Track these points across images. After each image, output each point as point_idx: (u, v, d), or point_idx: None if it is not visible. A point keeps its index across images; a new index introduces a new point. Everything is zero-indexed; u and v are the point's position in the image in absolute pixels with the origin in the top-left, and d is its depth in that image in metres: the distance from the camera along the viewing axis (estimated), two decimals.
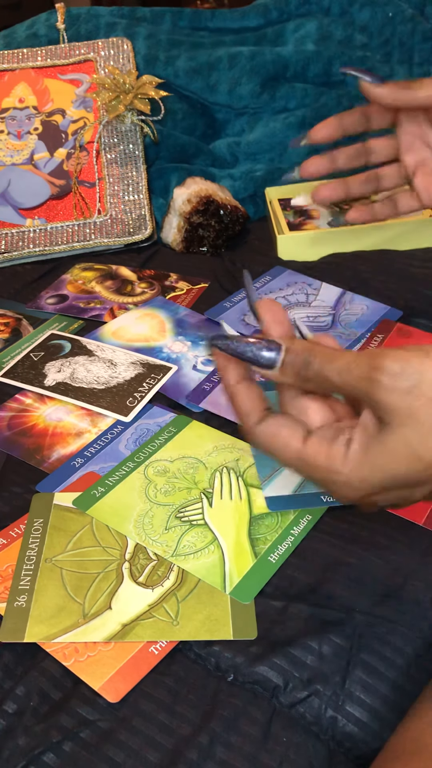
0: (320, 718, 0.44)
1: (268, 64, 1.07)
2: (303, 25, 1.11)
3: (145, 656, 0.47)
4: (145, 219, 0.95)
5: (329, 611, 0.49)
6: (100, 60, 1.02)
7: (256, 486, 0.59)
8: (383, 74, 1.12)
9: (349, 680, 0.45)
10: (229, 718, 0.44)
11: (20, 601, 0.50)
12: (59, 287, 0.88)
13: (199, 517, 0.56)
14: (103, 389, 0.70)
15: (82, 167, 0.98)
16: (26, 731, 0.44)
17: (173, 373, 0.72)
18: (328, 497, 0.57)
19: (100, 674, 0.46)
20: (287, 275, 0.86)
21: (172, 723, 0.44)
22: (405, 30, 1.13)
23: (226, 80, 1.07)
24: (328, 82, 1.10)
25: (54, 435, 0.65)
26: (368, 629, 0.48)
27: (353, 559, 0.53)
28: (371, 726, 0.44)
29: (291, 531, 0.55)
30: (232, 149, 1.07)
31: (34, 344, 0.77)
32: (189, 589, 0.51)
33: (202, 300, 0.84)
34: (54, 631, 0.48)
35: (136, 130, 0.98)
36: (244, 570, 0.52)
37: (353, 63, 1.10)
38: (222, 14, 1.15)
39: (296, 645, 0.47)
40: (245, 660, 0.47)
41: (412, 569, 0.52)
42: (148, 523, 0.56)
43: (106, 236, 0.94)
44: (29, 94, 1.01)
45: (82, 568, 0.53)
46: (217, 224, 0.91)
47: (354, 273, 0.85)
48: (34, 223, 0.96)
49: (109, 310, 0.83)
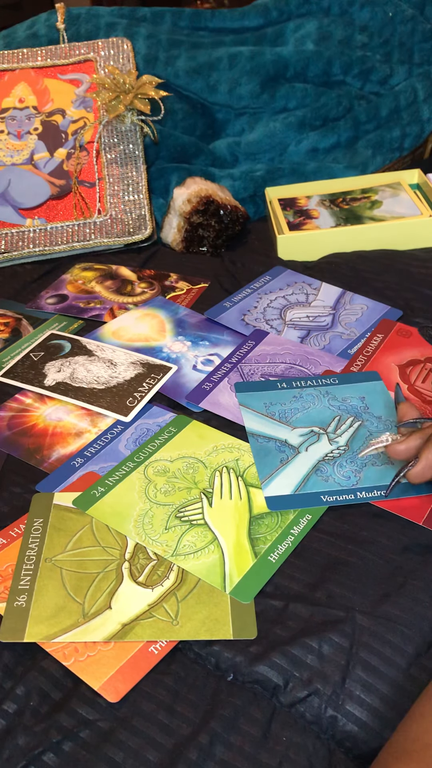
0: (320, 717, 0.44)
1: (268, 64, 1.07)
2: (303, 25, 1.11)
3: (145, 656, 0.47)
4: (145, 219, 0.95)
5: (329, 611, 0.49)
6: (100, 60, 1.02)
7: (256, 486, 0.59)
8: (383, 74, 1.12)
9: (349, 679, 0.45)
10: (229, 717, 0.44)
11: (20, 600, 0.50)
12: (59, 287, 0.88)
13: (199, 516, 0.56)
14: (103, 389, 0.70)
15: (82, 167, 0.98)
16: (26, 731, 0.44)
17: (173, 373, 0.72)
18: (328, 497, 0.57)
19: (100, 674, 0.46)
20: (287, 275, 0.86)
21: (172, 723, 0.44)
22: (405, 30, 1.13)
23: (226, 80, 1.07)
24: (328, 82, 1.10)
25: (54, 435, 0.65)
26: (368, 629, 0.48)
27: (353, 559, 0.53)
28: (371, 725, 0.44)
29: (291, 531, 0.55)
30: (232, 149, 1.07)
31: (34, 344, 0.77)
32: (189, 588, 0.51)
33: (202, 300, 0.84)
34: (54, 630, 0.48)
35: (136, 130, 0.98)
36: (244, 570, 0.52)
37: (353, 63, 1.10)
38: (222, 14, 1.15)
39: (296, 644, 0.47)
40: (245, 660, 0.47)
41: (412, 569, 0.52)
42: (148, 522, 0.56)
43: (106, 236, 0.94)
44: (29, 94, 1.01)
45: (82, 567, 0.53)
46: (217, 224, 0.91)
47: (354, 273, 0.85)
48: (34, 223, 0.96)
49: (109, 310, 0.83)
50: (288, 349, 0.74)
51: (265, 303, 0.81)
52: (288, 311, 0.80)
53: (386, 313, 0.79)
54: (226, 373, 0.71)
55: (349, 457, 0.60)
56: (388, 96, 1.10)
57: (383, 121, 1.09)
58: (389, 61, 1.13)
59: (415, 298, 0.80)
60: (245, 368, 0.72)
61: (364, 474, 0.59)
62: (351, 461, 0.60)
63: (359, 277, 0.84)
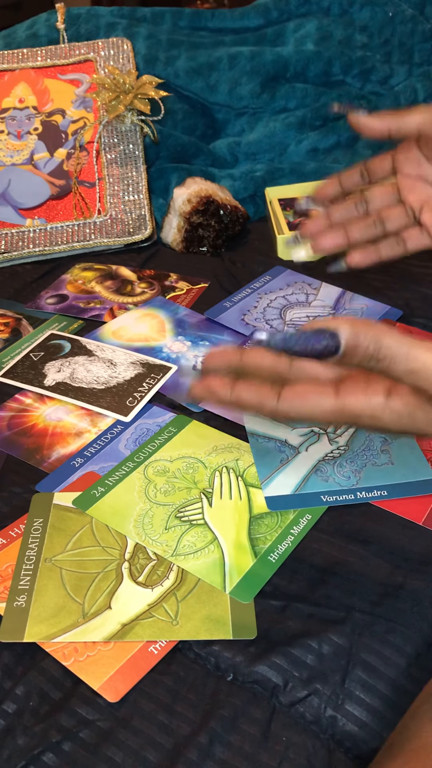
0: (320, 717, 0.44)
1: (268, 64, 1.07)
2: (303, 25, 1.11)
3: (145, 656, 0.47)
4: (145, 219, 0.95)
5: (329, 611, 0.49)
6: (100, 60, 1.02)
7: (256, 486, 0.59)
8: (383, 74, 1.12)
9: (349, 679, 0.45)
10: (228, 717, 0.44)
11: (20, 600, 0.50)
12: (59, 287, 0.88)
13: (198, 516, 0.56)
14: (102, 389, 0.70)
15: (82, 167, 0.98)
16: (26, 731, 0.44)
17: (173, 373, 0.72)
18: (328, 497, 0.57)
19: (100, 674, 0.46)
20: (287, 275, 0.86)
21: (172, 723, 0.44)
22: (405, 30, 1.13)
23: (226, 80, 1.07)
24: (328, 82, 1.10)
25: (54, 435, 0.65)
26: (368, 629, 0.48)
27: (353, 559, 0.53)
28: (371, 725, 0.44)
29: (291, 531, 0.55)
30: (232, 149, 1.07)
31: (33, 344, 0.77)
32: (189, 588, 0.51)
33: (202, 300, 0.84)
34: (53, 630, 0.48)
35: (136, 130, 0.98)
36: (244, 570, 0.52)
37: (353, 63, 1.10)
38: (222, 14, 1.15)
39: (296, 644, 0.47)
40: (245, 659, 0.47)
41: (412, 569, 0.52)
42: (148, 522, 0.56)
43: (106, 236, 0.94)
44: (29, 94, 1.01)
45: (82, 567, 0.53)
46: (217, 224, 0.91)
47: (354, 273, 0.85)
48: (34, 223, 0.96)
49: (109, 310, 0.83)
50: None
51: (265, 303, 0.81)
52: (288, 311, 0.80)
53: (386, 313, 0.79)
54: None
55: (349, 457, 0.60)
56: (388, 96, 1.10)
57: None
58: (389, 61, 1.14)
59: (415, 298, 0.80)
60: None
61: (364, 474, 0.59)
62: (351, 461, 0.60)
63: (359, 277, 0.84)
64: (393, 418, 0.40)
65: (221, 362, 0.43)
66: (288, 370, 0.42)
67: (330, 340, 0.38)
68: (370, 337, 0.37)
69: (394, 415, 0.40)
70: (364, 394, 0.40)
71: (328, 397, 0.41)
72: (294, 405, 0.41)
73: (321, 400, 0.41)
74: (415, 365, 0.37)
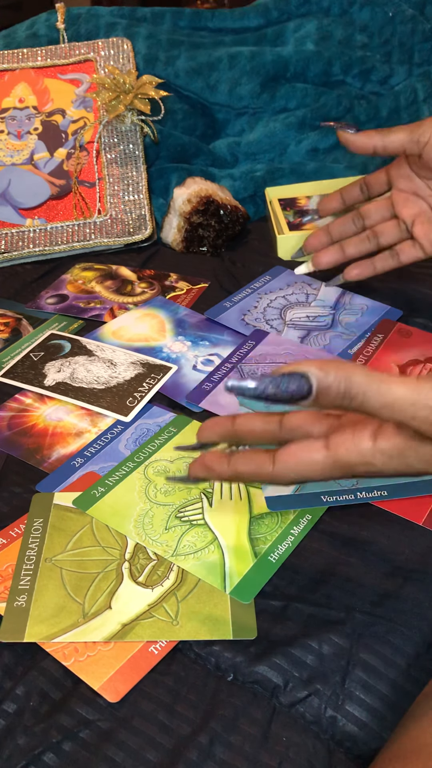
0: (320, 717, 0.44)
1: (268, 64, 1.07)
2: (303, 25, 1.11)
3: (145, 656, 0.47)
4: (145, 219, 0.95)
5: (329, 611, 0.49)
6: (100, 60, 1.02)
7: (256, 486, 0.59)
8: (383, 74, 1.12)
9: (349, 680, 0.45)
10: (228, 717, 0.44)
11: (20, 600, 0.50)
12: (59, 287, 0.88)
13: (199, 516, 0.56)
14: (103, 389, 0.70)
15: (82, 167, 0.98)
16: (26, 731, 0.44)
17: (173, 373, 0.72)
18: (328, 497, 0.57)
19: (100, 674, 0.46)
20: (287, 275, 0.86)
21: (172, 723, 0.44)
22: (405, 30, 1.13)
23: (226, 80, 1.07)
24: (328, 82, 1.10)
25: (54, 435, 0.65)
26: (368, 629, 0.48)
27: (353, 559, 0.53)
28: (371, 726, 0.44)
29: (291, 531, 0.55)
30: (232, 149, 1.07)
31: (34, 344, 0.77)
32: (189, 588, 0.51)
33: (202, 300, 0.84)
34: (54, 630, 0.48)
35: (136, 130, 0.98)
36: (244, 570, 0.52)
37: (353, 63, 1.10)
38: (222, 14, 1.15)
39: (296, 645, 0.47)
40: (245, 660, 0.47)
41: (412, 569, 0.52)
42: (148, 522, 0.56)
43: (106, 236, 0.94)
44: (29, 94, 1.01)
45: (82, 567, 0.53)
46: (217, 224, 0.91)
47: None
48: (34, 223, 0.96)
49: (109, 310, 0.83)
50: (288, 349, 0.74)
51: (265, 303, 0.81)
52: (288, 311, 0.80)
53: (386, 313, 0.79)
54: (227, 373, 0.71)
55: None
56: (388, 96, 1.10)
57: (383, 121, 1.09)
58: (389, 61, 1.13)
59: (415, 298, 0.80)
60: (245, 368, 0.72)
61: None
62: None
63: None
64: (385, 460, 0.39)
65: (215, 433, 0.43)
66: (279, 430, 0.42)
67: (301, 383, 0.37)
68: (341, 375, 0.37)
69: (385, 458, 0.39)
70: (352, 441, 0.39)
71: (319, 452, 0.40)
72: (288, 466, 0.41)
73: (313, 456, 0.40)
74: (387, 399, 0.36)
